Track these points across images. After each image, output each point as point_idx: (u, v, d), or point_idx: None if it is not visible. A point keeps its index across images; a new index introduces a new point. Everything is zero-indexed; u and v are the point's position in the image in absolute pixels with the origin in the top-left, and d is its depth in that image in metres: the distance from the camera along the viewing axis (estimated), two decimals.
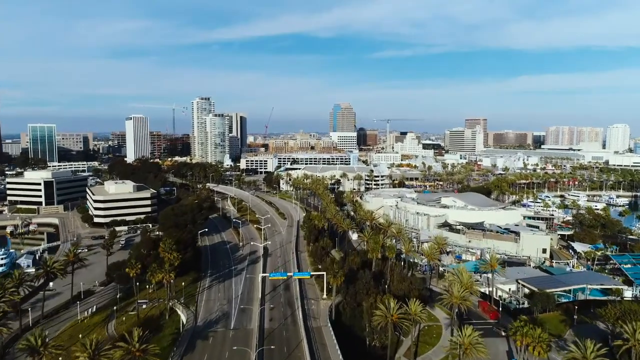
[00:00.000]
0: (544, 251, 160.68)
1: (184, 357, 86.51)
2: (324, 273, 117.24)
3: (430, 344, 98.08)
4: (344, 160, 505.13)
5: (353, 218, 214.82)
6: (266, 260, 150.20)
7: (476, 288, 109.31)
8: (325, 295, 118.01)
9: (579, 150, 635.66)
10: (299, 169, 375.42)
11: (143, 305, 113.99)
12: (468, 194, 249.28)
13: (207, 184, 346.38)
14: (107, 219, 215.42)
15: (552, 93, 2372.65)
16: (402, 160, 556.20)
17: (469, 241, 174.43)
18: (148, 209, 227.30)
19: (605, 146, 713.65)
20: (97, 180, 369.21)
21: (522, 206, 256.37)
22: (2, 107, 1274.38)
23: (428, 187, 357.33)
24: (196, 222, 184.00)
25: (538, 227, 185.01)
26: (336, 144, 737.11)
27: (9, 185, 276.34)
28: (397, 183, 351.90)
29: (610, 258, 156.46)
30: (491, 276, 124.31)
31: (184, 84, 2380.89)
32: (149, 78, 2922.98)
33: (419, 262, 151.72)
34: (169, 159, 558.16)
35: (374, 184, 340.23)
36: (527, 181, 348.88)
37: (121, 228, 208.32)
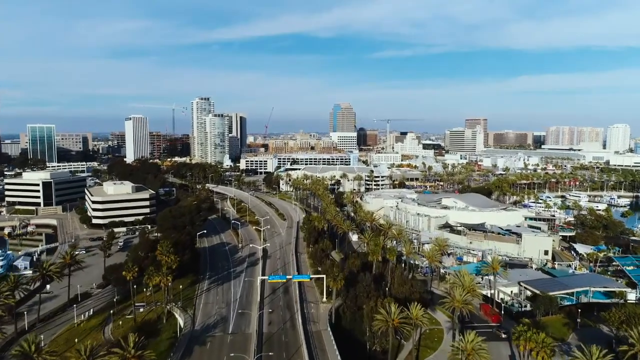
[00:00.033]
0: (546, 253, 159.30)
1: None
2: (324, 276, 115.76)
3: (431, 348, 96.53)
4: (344, 160, 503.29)
5: (353, 219, 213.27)
6: (265, 262, 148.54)
7: (478, 291, 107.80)
8: (325, 298, 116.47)
9: (580, 150, 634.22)
10: (299, 170, 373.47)
11: (140, 308, 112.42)
12: (469, 195, 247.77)
13: (207, 185, 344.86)
14: (106, 220, 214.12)
15: (552, 93, 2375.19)
16: (403, 160, 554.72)
17: (470, 242, 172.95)
18: (147, 210, 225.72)
19: (605, 146, 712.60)
20: (96, 180, 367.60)
21: (523, 207, 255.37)
22: (2, 107, 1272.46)
23: (428, 188, 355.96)
24: (195, 224, 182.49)
25: (540, 229, 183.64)
26: (336, 144, 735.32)
27: (7, 186, 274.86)
28: (398, 183, 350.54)
29: (612, 260, 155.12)
30: (493, 278, 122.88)
31: (184, 84, 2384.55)
32: (149, 78, 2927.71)
33: (420, 264, 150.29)
34: (169, 160, 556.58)
35: (374, 185, 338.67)
36: (528, 181, 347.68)
37: (120, 229, 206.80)
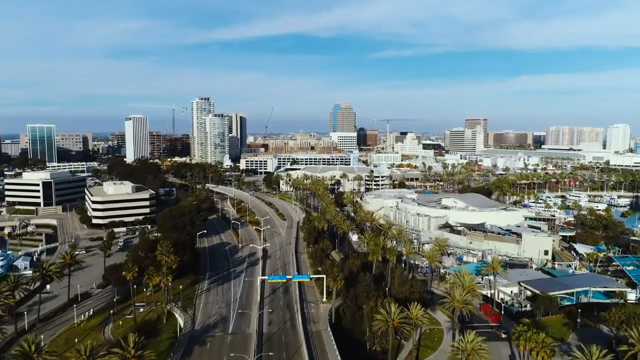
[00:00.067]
0: (546, 253, 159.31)
1: None
2: (324, 276, 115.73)
3: (431, 348, 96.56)
4: (344, 160, 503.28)
5: (353, 219, 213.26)
6: (265, 262, 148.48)
7: (478, 291, 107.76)
8: (325, 298, 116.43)
9: (580, 150, 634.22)
10: (299, 170, 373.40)
11: (140, 308, 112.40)
12: (469, 195, 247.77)
13: (207, 185, 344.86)
14: (106, 220, 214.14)
15: (552, 93, 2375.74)
16: (402, 160, 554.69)
17: (470, 242, 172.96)
18: (147, 210, 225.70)
19: (605, 146, 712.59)
20: (96, 180, 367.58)
21: (523, 207, 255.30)
22: (2, 107, 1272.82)
23: (428, 188, 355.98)
24: (195, 224, 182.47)
25: (540, 229, 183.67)
26: (336, 144, 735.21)
27: (8, 186, 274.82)
28: (398, 183, 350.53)
29: (612, 260, 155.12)
30: (493, 278, 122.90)
31: (184, 84, 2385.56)
32: (149, 78, 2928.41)
33: (420, 264, 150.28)
34: (169, 160, 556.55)
35: (374, 185, 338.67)
36: (528, 181, 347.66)
37: (120, 229, 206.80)
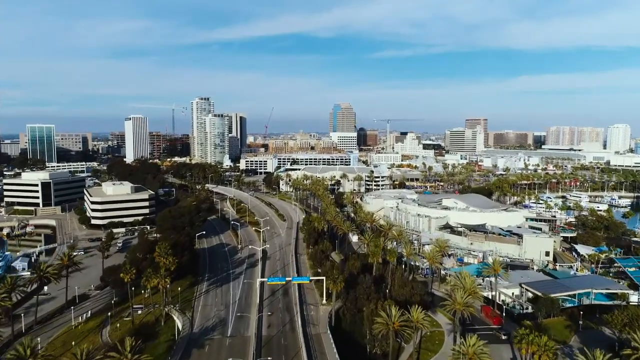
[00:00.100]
0: (547, 254, 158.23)
1: None
2: (324, 278, 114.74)
3: (432, 351, 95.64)
4: (344, 160, 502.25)
5: (353, 220, 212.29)
6: (265, 263, 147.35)
7: (479, 293, 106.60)
8: (324, 300, 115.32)
9: (580, 150, 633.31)
10: (299, 170, 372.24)
11: (138, 310, 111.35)
12: (469, 195, 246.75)
13: (206, 185, 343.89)
14: (105, 221, 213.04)
15: (552, 93, 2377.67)
16: (403, 160, 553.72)
17: (471, 243, 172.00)
18: (146, 211, 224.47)
19: (606, 146, 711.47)
20: (96, 181, 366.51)
21: (524, 207, 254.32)
22: (2, 107, 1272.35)
23: (429, 188, 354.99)
24: (194, 224, 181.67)
25: (540, 229, 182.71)
26: (336, 144, 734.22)
27: (6, 186, 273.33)
28: (398, 184, 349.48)
29: (614, 261, 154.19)
30: (494, 280, 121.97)
31: (184, 84, 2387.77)
32: (149, 78, 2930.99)
33: (421, 266, 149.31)
34: (168, 160, 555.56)
35: (374, 185, 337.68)
36: (529, 182, 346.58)
37: (119, 230, 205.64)
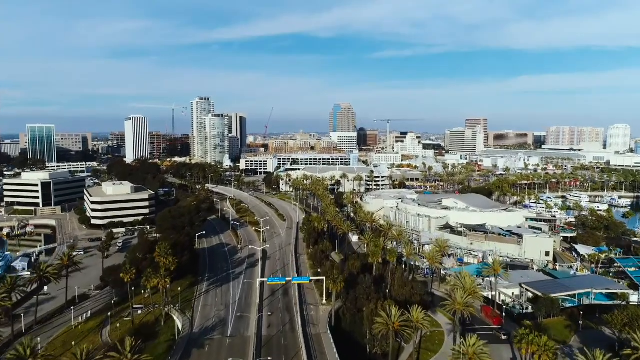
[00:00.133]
0: (547, 254, 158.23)
1: None
2: (324, 278, 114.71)
3: (432, 351, 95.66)
4: (344, 160, 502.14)
5: (353, 220, 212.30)
6: (265, 263, 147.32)
7: (479, 293, 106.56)
8: (324, 300, 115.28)
9: (580, 150, 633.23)
10: (299, 170, 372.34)
11: (138, 311, 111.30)
12: (469, 196, 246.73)
13: (206, 185, 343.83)
14: (105, 221, 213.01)
15: (552, 93, 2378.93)
16: (403, 160, 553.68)
17: (471, 244, 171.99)
18: (146, 211, 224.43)
19: (606, 146, 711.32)
20: (96, 181, 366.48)
21: (524, 207, 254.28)
22: (2, 107, 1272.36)
23: (429, 188, 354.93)
24: (194, 224, 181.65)
25: (541, 229, 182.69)
26: (336, 144, 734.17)
27: (6, 186, 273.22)
28: (398, 184, 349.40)
29: (614, 261, 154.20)
30: (494, 280, 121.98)
31: (184, 84, 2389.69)
32: (149, 78, 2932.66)
33: (421, 266, 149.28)
34: (168, 160, 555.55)
35: (374, 185, 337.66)
36: (529, 182, 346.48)
37: (119, 230, 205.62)
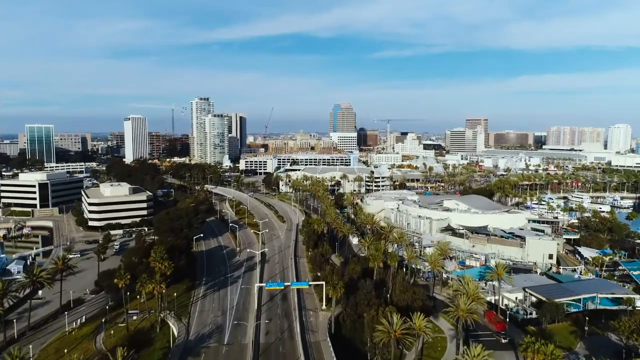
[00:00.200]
0: (551, 257, 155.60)
1: None
2: (323, 283, 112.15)
3: (434, 358, 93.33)
4: (344, 161, 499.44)
5: (353, 221, 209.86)
6: (263, 267, 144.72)
7: (483, 299, 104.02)
8: (324, 305, 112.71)
9: (581, 150, 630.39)
10: (299, 170, 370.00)
11: (133, 316, 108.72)
12: (471, 197, 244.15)
13: (206, 186, 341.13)
14: (102, 223, 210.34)
15: (552, 93, 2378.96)
16: (403, 160, 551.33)
17: (473, 246, 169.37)
18: (144, 212, 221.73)
19: (607, 147, 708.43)
20: (94, 181, 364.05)
21: (526, 208, 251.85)
22: (2, 107, 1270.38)
23: (429, 189, 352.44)
24: (192, 227, 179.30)
25: (543, 232, 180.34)
26: (336, 145, 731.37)
27: (3, 187, 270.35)
28: (398, 184, 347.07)
29: (618, 264, 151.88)
30: (497, 284, 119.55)
31: (184, 84, 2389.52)
32: (149, 78, 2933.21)
33: (422, 269, 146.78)
34: (168, 160, 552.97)
35: (375, 186, 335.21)
36: (530, 182, 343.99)
37: (116, 232, 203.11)
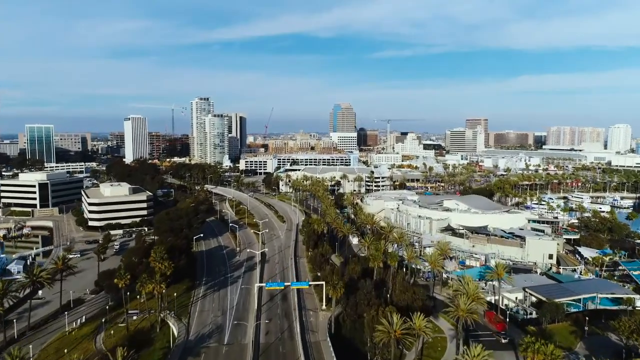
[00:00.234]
0: (551, 257, 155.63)
1: None
2: (323, 283, 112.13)
3: (434, 358, 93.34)
4: (344, 161, 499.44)
5: (353, 221, 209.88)
6: (263, 267, 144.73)
7: (483, 299, 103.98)
8: (324, 305, 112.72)
9: (581, 150, 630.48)
10: (299, 170, 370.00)
11: (133, 316, 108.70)
12: (471, 197, 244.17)
13: (206, 186, 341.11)
14: (102, 223, 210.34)
15: (552, 93, 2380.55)
16: (403, 160, 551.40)
17: (473, 246, 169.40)
18: (144, 212, 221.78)
19: (607, 147, 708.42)
20: (94, 181, 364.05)
21: (526, 208, 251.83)
22: (2, 107, 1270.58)
23: (429, 189, 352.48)
24: (192, 227, 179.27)
25: (543, 232, 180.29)
26: (336, 145, 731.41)
27: (3, 187, 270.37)
28: (398, 184, 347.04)
29: (619, 264, 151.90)
30: (497, 284, 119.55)
31: (184, 84, 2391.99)
32: (149, 78, 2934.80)
33: (422, 269, 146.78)
34: (168, 160, 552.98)
35: (375, 186, 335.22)
36: (530, 182, 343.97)
37: (116, 232, 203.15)
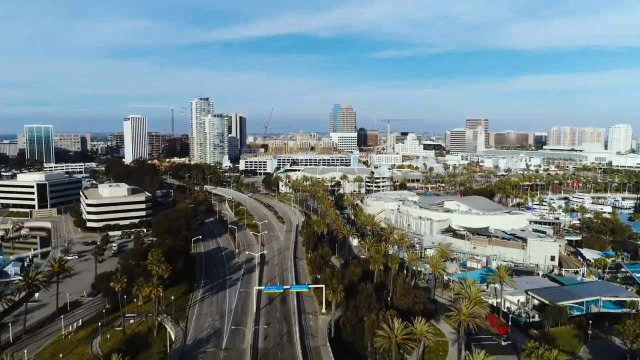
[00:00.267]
0: (553, 258, 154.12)
1: None
2: (323, 286, 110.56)
3: None
4: (344, 161, 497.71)
5: (353, 222, 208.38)
6: (262, 270, 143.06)
7: (486, 302, 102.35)
8: (324, 309, 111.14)
9: (581, 151, 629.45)
10: (299, 170, 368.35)
11: (130, 319, 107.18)
12: (471, 198, 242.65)
13: (205, 186, 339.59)
14: (100, 224, 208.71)
15: (553, 93, 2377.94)
16: (403, 161, 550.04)
17: (474, 247, 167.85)
18: (143, 213, 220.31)
19: (607, 147, 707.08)
20: (93, 182, 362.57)
21: (527, 209, 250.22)
22: (2, 107, 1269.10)
23: (430, 189, 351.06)
24: (191, 228, 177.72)
25: (545, 233, 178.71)
26: (336, 145, 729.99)
27: (2, 187, 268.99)
28: (399, 185, 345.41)
29: (621, 266, 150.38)
30: (499, 287, 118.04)
31: (184, 84, 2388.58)
32: (149, 78, 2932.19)
33: (423, 271, 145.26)
34: (167, 160, 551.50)
35: (375, 186, 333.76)
36: (531, 183, 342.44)
37: (114, 233, 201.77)
